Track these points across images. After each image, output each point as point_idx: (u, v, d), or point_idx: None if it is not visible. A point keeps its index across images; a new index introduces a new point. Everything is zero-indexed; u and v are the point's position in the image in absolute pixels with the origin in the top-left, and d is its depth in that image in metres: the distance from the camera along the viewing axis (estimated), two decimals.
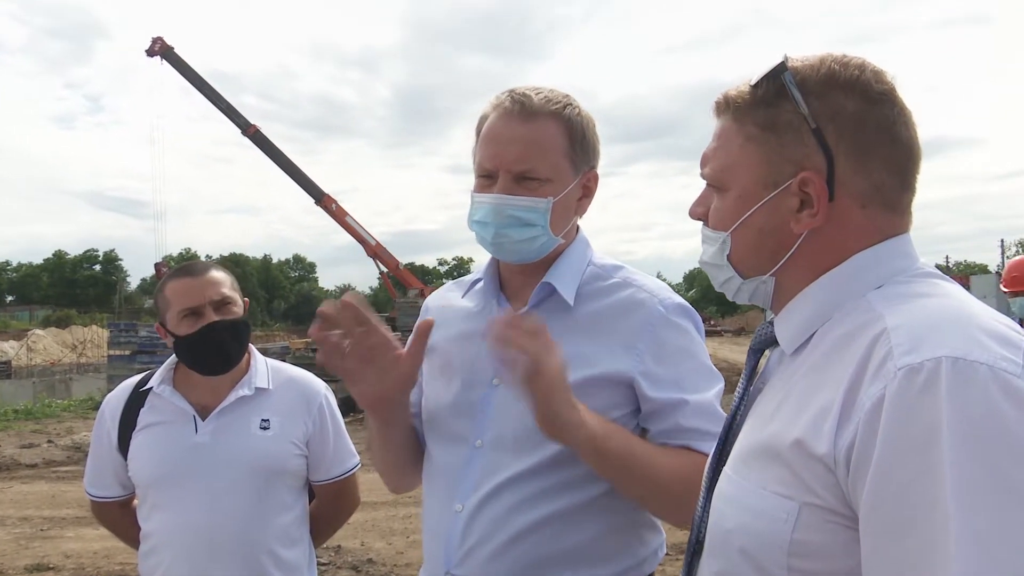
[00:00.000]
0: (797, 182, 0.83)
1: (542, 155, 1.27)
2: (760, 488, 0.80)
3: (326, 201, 25.38)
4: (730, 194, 0.89)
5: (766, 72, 0.85)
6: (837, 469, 0.73)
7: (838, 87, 0.83)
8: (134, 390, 1.87)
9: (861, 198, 0.83)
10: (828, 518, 0.75)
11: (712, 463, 0.95)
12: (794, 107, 0.83)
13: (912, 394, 0.69)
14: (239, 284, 1.88)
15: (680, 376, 1.27)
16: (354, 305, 1.23)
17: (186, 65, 25.09)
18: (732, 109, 0.89)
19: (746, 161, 0.87)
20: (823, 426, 0.75)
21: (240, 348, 1.79)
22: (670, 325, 1.29)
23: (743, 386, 0.96)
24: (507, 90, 1.32)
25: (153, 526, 1.78)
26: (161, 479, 1.76)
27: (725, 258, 0.91)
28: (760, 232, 0.87)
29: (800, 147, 0.83)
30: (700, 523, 0.93)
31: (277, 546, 1.77)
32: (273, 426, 1.79)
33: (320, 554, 5.27)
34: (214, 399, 1.80)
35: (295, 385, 1.88)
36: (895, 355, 0.71)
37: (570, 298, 1.31)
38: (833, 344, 0.81)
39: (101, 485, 1.90)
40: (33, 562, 5.12)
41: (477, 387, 1.32)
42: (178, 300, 1.75)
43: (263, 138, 25.24)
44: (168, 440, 1.78)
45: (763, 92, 0.85)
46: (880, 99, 0.83)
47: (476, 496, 1.27)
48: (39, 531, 5.87)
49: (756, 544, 0.79)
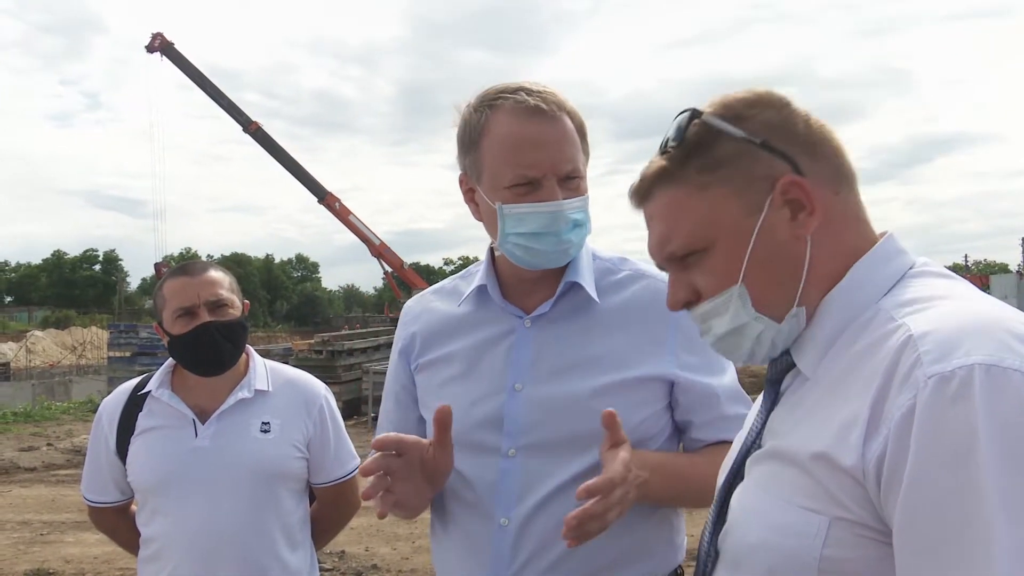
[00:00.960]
0: (778, 192, 0.82)
1: (576, 152, 1.26)
2: (785, 503, 0.78)
3: (329, 200, 25.40)
4: (718, 247, 0.85)
5: (683, 124, 0.86)
6: (867, 481, 0.71)
7: (753, 106, 0.85)
8: (132, 394, 1.85)
9: (832, 184, 0.84)
10: (860, 532, 0.72)
11: (727, 480, 0.93)
12: (729, 138, 0.84)
13: (944, 403, 0.67)
14: (241, 284, 1.86)
15: (709, 362, 1.28)
16: (388, 450, 1.18)
17: (186, 61, 25.11)
18: (664, 179, 0.87)
19: (717, 205, 0.84)
20: (849, 437, 0.73)
21: (235, 350, 1.77)
22: None
23: (763, 417, 0.91)
24: (508, 92, 1.24)
25: (154, 531, 1.76)
26: (161, 484, 1.75)
27: (751, 311, 0.85)
28: (771, 260, 0.84)
29: (759, 164, 0.83)
30: (711, 541, 0.90)
31: (279, 549, 1.76)
32: (274, 429, 1.78)
33: (324, 559, 5.26)
34: (213, 402, 1.78)
35: (295, 387, 1.86)
36: (924, 363, 0.69)
37: (595, 294, 1.30)
38: (854, 357, 0.78)
39: (99, 490, 1.88)
40: (33, 567, 5.10)
41: (498, 394, 1.29)
42: (173, 299, 1.75)
43: (265, 135, 25.26)
44: (168, 444, 1.76)
45: (690, 144, 0.85)
46: (787, 104, 0.86)
47: (523, 508, 1.23)
48: (39, 535, 5.85)
49: (783, 562, 0.77)
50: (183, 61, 25.06)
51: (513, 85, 1.26)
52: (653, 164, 0.88)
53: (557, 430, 1.23)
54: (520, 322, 1.31)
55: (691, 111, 0.86)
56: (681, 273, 0.89)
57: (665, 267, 0.90)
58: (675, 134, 0.86)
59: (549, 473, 1.23)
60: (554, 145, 1.22)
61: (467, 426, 1.29)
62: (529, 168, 1.22)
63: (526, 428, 1.25)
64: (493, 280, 1.34)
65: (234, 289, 1.80)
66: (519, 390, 1.27)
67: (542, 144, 1.21)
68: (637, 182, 0.90)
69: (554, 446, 1.22)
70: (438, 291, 1.47)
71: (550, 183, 1.22)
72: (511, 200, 1.23)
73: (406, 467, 1.18)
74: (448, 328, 1.38)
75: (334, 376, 11.94)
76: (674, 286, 0.90)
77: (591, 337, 1.27)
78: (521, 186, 1.23)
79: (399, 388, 1.45)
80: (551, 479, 1.22)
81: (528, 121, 1.22)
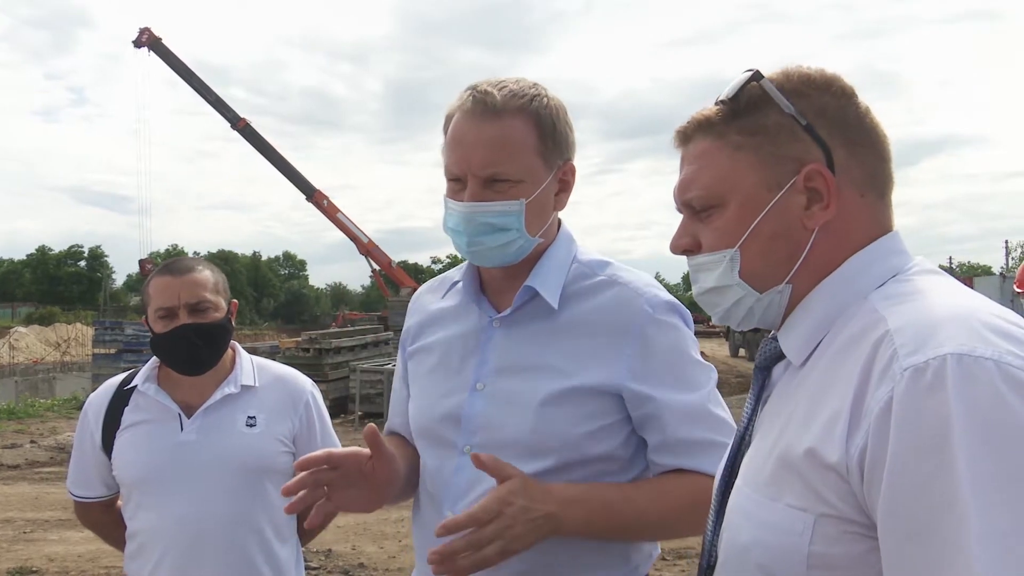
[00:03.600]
0: (802, 177, 0.83)
1: (510, 156, 1.21)
2: (773, 502, 0.79)
3: (317, 197, 25.29)
4: (730, 207, 0.86)
5: (742, 82, 0.87)
6: (850, 477, 0.72)
7: (815, 87, 0.86)
8: (118, 389, 1.85)
9: (859, 186, 0.85)
10: (845, 528, 0.74)
11: (723, 479, 0.93)
12: (779, 110, 0.84)
13: (920, 394, 0.68)
14: (228, 282, 1.85)
15: (670, 375, 1.24)
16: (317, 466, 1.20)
17: (175, 57, 24.92)
18: (706, 128, 0.88)
19: (742, 169, 0.85)
20: (833, 433, 0.74)
21: (213, 352, 1.77)
22: (658, 324, 1.25)
23: (751, 404, 0.93)
24: (470, 87, 1.26)
25: (139, 526, 1.76)
26: (147, 478, 1.74)
27: (735, 276, 0.87)
28: (772, 237, 0.85)
29: (796, 144, 0.84)
30: (711, 543, 0.91)
31: (266, 544, 1.75)
32: (259, 423, 1.78)
33: (311, 558, 5.23)
34: (199, 397, 1.78)
35: (281, 382, 1.86)
36: (900, 356, 0.71)
37: (554, 301, 1.27)
38: (838, 349, 0.80)
39: (84, 485, 1.88)
40: (16, 565, 5.05)
41: (460, 391, 1.30)
42: (156, 298, 1.75)
43: (253, 132, 25.12)
44: (153, 439, 1.76)
45: (741, 103, 0.86)
46: (851, 95, 0.87)
47: (468, 502, 1.23)
48: (22, 533, 5.78)
49: (774, 559, 0.78)
50: (171, 57, 24.87)
51: (482, 84, 1.26)
52: (703, 111, 0.90)
53: (504, 433, 1.24)
54: (490, 321, 1.32)
55: (755, 72, 0.86)
56: (691, 221, 0.91)
57: (681, 211, 0.92)
58: (731, 90, 0.87)
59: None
60: (478, 146, 1.21)
61: (433, 419, 1.32)
62: (453, 164, 1.24)
63: (479, 427, 1.27)
64: (470, 277, 1.35)
65: (220, 289, 1.79)
66: (480, 389, 1.28)
67: (466, 144, 1.22)
68: (683, 124, 0.91)
69: (501, 448, 1.21)
70: (438, 281, 1.48)
71: (470, 183, 1.22)
72: (448, 194, 1.27)
73: (343, 477, 1.21)
74: (432, 319, 1.41)
75: (321, 374, 11.88)
76: (680, 231, 0.92)
77: (548, 344, 1.26)
78: (452, 182, 1.26)
79: (400, 373, 1.50)
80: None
81: (464, 120, 1.23)
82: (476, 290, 1.34)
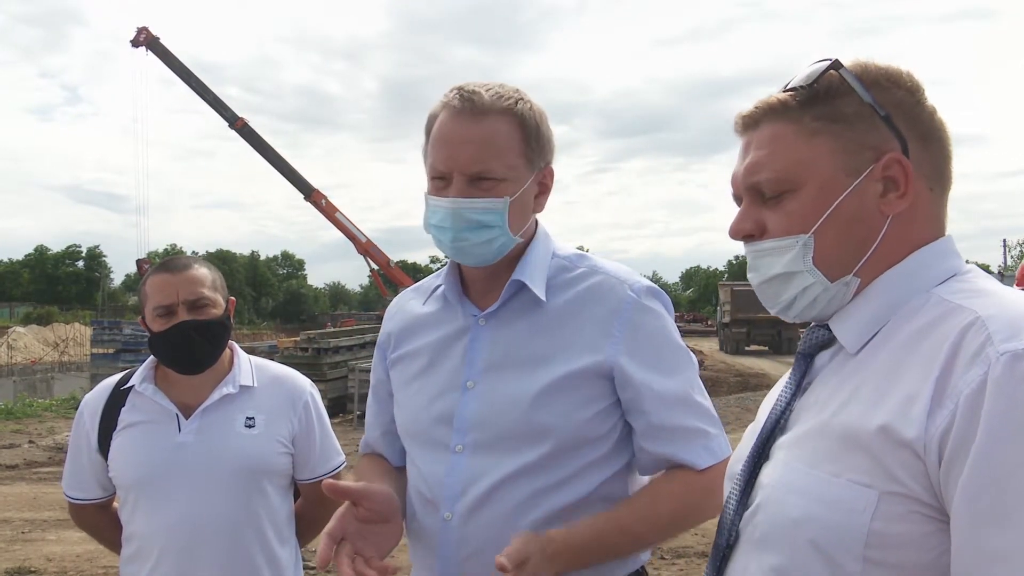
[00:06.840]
0: (880, 166, 0.84)
1: (496, 154, 1.25)
2: (834, 477, 0.78)
3: (315, 196, 25.25)
4: (806, 191, 0.86)
5: (821, 70, 0.87)
6: (927, 456, 0.72)
7: (891, 80, 0.87)
8: (114, 389, 1.83)
9: (929, 180, 0.87)
10: (911, 507, 0.74)
11: (751, 459, 0.91)
12: (858, 99, 0.86)
13: (1016, 379, 0.69)
14: (225, 282, 1.84)
15: (656, 359, 1.27)
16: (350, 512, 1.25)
17: (172, 56, 24.85)
18: (780, 113, 0.88)
19: (820, 154, 0.86)
20: (911, 412, 0.74)
21: (213, 350, 1.75)
22: (642, 309, 1.29)
23: (791, 389, 0.92)
24: (455, 87, 1.29)
25: (136, 528, 1.74)
26: (144, 480, 1.73)
27: (808, 262, 0.86)
28: (849, 223, 0.85)
29: (874, 133, 0.85)
30: (732, 523, 0.90)
31: (265, 545, 1.75)
32: (258, 424, 1.77)
33: (308, 557, 5.20)
34: (197, 397, 1.77)
35: (280, 383, 1.85)
36: (995, 341, 0.72)
37: (541, 293, 1.30)
38: (909, 337, 0.80)
39: (80, 487, 1.86)
40: (14, 565, 5.04)
41: (453, 391, 1.31)
42: (154, 296, 1.73)
43: (251, 132, 25.05)
44: (151, 440, 1.74)
45: (819, 90, 0.87)
46: (922, 91, 0.89)
47: (465, 503, 1.26)
48: (20, 534, 5.78)
49: (829, 536, 0.77)
50: (169, 56, 24.80)
51: (468, 85, 1.28)
52: (772, 97, 0.90)
53: (499, 427, 1.26)
54: (475, 320, 1.33)
55: (833, 61, 0.87)
56: (753, 206, 0.90)
57: (743, 196, 0.92)
58: (807, 77, 0.88)
59: (490, 469, 1.25)
60: (468, 144, 1.24)
61: (425, 422, 1.34)
62: (439, 162, 1.27)
63: (472, 425, 1.28)
64: (452, 279, 1.36)
65: (217, 287, 1.78)
66: (471, 387, 1.30)
67: (454, 142, 1.25)
68: (750, 109, 0.91)
69: (495, 443, 1.25)
70: (416, 289, 1.51)
71: (456, 180, 1.25)
72: (430, 192, 1.30)
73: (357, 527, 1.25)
74: (415, 325, 1.42)
75: (320, 374, 11.89)
76: (742, 216, 0.91)
77: (538, 336, 1.28)
78: (436, 179, 1.28)
79: (378, 383, 1.51)
80: (490, 475, 1.25)
81: (450, 119, 1.26)
82: (459, 291, 1.36)
